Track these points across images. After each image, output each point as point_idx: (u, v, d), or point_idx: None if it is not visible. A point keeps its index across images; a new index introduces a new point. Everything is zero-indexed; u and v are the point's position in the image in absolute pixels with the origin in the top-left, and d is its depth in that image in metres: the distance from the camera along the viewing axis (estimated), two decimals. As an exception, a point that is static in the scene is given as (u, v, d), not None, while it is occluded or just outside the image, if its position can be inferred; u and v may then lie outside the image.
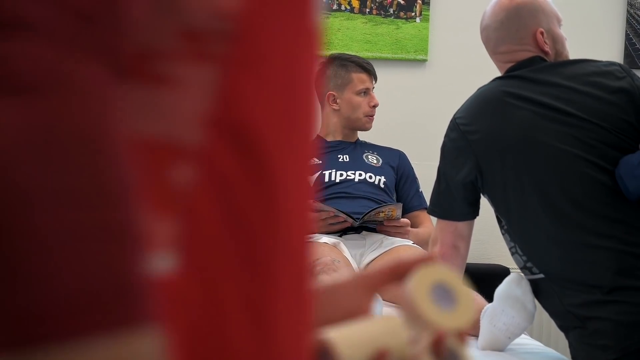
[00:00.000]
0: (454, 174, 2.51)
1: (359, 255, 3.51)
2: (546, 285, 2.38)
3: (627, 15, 4.64)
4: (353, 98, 3.86)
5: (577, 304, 2.31)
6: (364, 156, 3.88)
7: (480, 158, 2.46)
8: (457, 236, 2.57)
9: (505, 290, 2.52)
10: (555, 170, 2.37)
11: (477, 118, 2.50)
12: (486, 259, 4.10)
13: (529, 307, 2.50)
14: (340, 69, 3.87)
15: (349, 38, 4.38)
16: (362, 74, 3.85)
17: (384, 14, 4.42)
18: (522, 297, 2.49)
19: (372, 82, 3.89)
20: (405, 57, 4.44)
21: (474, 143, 2.47)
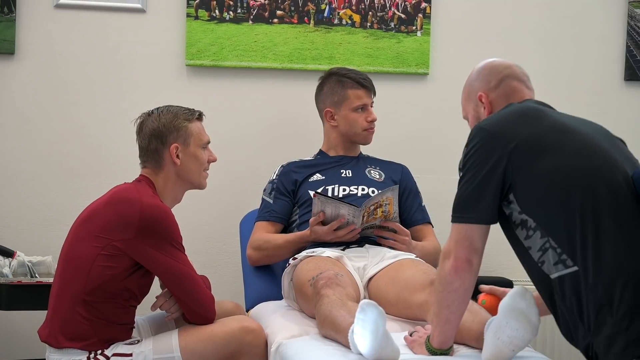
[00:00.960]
0: (485, 172, 2.53)
1: (362, 269, 3.51)
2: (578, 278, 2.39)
3: (628, 27, 4.64)
4: (349, 115, 3.86)
5: None
6: (366, 171, 3.88)
7: (513, 156, 2.53)
8: (472, 250, 2.57)
9: (510, 304, 2.54)
10: (591, 156, 2.53)
11: (512, 126, 2.59)
12: (489, 271, 4.10)
13: (533, 320, 2.52)
14: (337, 86, 3.87)
15: (350, 52, 4.39)
16: (358, 90, 3.85)
17: (385, 28, 4.43)
18: (526, 310, 2.52)
19: (371, 97, 3.88)
20: (407, 70, 4.45)
21: (507, 145, 2.53)
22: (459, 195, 2.61)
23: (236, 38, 4.28)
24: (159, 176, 3.21)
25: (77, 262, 3.04)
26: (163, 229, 3.04)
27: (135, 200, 3.04)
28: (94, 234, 3.03)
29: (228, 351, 3.08)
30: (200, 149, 3.25)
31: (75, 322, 3.01)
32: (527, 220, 2.51)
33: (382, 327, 2.58)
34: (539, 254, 2.49)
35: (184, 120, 3.22)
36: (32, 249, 3.87)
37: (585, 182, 2.47)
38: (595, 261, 2.38)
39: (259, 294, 3.77)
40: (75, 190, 4.12)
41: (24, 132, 4.13)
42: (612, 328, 2.33)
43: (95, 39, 4.19)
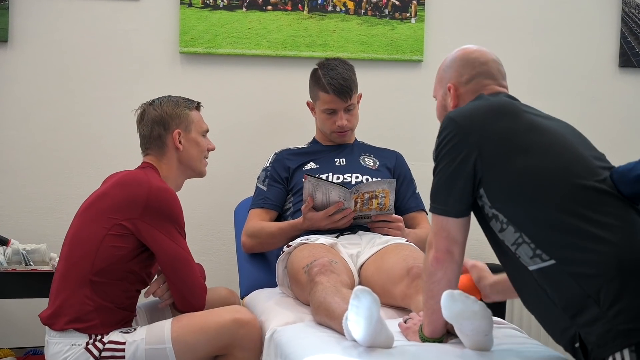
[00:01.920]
0: (455, 165, 2.53)
1: (355, 256, 3.51)
2: (557, 271, 2.39)
3: (622, 13, 4.64)
4: (321, 115, 3.86)
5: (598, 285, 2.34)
6: (360, 159, 3.87)
7: (483, 151, 2.52)
8: (451, 241, 2.58)
9: (448, 313, 2.56)
10: (561, 153, 2.51)
11: (484, 120, 2.58)
12: (484, 258, 4.10)
13: (476, 309, 2.54)
14: (315, 83, 3.86)
15: (344, 39, 4.39)
16: (326, 95, 3.79)
17: (379, 15, 4.43)
18: (464, 307, 2.53)
19: (343, 101, 3.79)
20: (401, 57, 4.45)
21: (477, 139, 2.53)
22: (433, 186, 2.62)
23: (230, 25, 4.27)
24: (162, 162, 3.28)
25: (84, 244, 3.08)
26: (168, 210, 3.10)
27: (144, 182, 3.12)
28: (102, 215, 3.09)
29: (220, 343, 3.09)
30: (200, 136, 3.34)
31: (79, 304, 3.04)
32: (498, 215, 2.50)
33: (376, 314, 2.58)
34: (513, 247, 2.48)
35: (185, 108, 3.31)
36: (27, 237, 3.87)
37: (556, 180, 2.46)
38: (574, 254, 2.37)
39: (253, 281, 3.77)
40: (69, 179, 4.11)
41: (17, 120, 4.12)
42: (599, 318, 2.33)
43: (89, 27, 4.18)
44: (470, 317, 2.54)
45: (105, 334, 3.03)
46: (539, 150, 2.51)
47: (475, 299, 2.54)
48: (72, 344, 3.02)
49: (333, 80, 3.77)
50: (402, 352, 2.63)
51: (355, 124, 3.89)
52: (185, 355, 3.05)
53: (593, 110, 4.60)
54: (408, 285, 3.17)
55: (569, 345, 2.43)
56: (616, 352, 2.30)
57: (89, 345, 3.01)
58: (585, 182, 2.44)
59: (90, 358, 3.00)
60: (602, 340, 2.32)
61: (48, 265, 3.62)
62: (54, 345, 3.05)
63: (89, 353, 3.00)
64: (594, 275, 2.34)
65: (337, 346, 2.74)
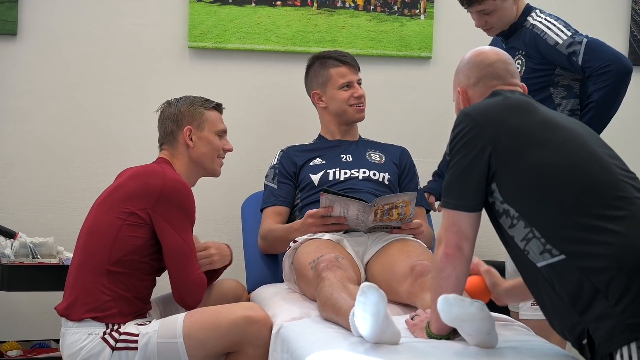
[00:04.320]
0: (469, 159, 2.54)
1: (361, 252, 3.51)
2: (566, 266, 2.40)
3: (632, 12, 4.63)
4: (335, 93, 3.85)
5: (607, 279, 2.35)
6: (366, 155, 3.87)
7: (498, 146, 2.53)
8: (462, 237, 2.58)
9: (446, 317, 2.56)
10: (576, 151, 2.53)
11: (499, 115, 2.60)
12: (491, 256, 4.10)
13: (473, 311, 2.54)
14: (320, 68, 3.87)
15: (353, 35, 4.38)
16: (340, 68, 3.84)
17: (388, 11, 4.42)
18: (460, 310, 2.53)
19: (355, 73, 3.86)
20: (410, 54, 4.44)
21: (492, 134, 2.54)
22: (446, 181, 2.62)
23: (239, 20, 4.27)
24: (175, 158, 3.34)
25: (101, 234, 3.12)
26: (180, 201, 3.14)
27: (160, 172, 3.17)
28: (118, 205, 3.13)
29: (231, 340, 3.09)
30: (214, 135, 3.38)
31: (97, 293, 3.06)
32: (509, 210, 2.51)
33: (383, 310, 2.58)
34: (523, 243, 2.49)
35: (200, 107, 3.38)
36: (34, 230, 3.87)
37: (569, 176, 2.47)
38: (584, 249, 2.38)
39: (260, 276, 3.77)
40: (76, 172, 4.12)
41: (25, 113, 4.12)
42: (607, 313, 2.33)
43: (99, 21, 4.18)
44: (468, 319, 2.54)
45: (122, 323, 3.05)
46: (553, 146, 2.52)
47: (472, 301, 2.54)
48: (89, 333, 3.04)
49: (340, 55, 3.87)
50: (409, 348, 2.63)
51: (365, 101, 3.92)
52: (196, 351, 3.05)
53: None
54: (412, 283, 3.17)
55: (577, 341, 2.43)
56: (623, 346, 2.30)
57: (105, 335, 3.03)
58: (598, 178, 2.46)
59: (106, 347, 3.01)
60: (610, 334, 2.32)
61: (55, 258, 3.63)
62: (70, 335, 3.07)
63: (105, 342, 3.02)
64: (603, 270, 2.35)
65: (344, 342, 2.74)
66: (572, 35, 3.48)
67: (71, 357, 3.07)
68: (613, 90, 3.43)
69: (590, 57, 3.41)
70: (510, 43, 3.56)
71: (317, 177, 3.77)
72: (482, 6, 3.56)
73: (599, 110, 3.44)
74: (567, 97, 3.57)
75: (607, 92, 3.42)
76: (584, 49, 3.42)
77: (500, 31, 3.65)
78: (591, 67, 3.41)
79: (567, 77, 3.57)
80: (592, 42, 3.45)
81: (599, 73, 3.40)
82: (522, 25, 3.59)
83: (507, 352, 2.62)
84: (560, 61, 3.49)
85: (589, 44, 3.43)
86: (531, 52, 3.42)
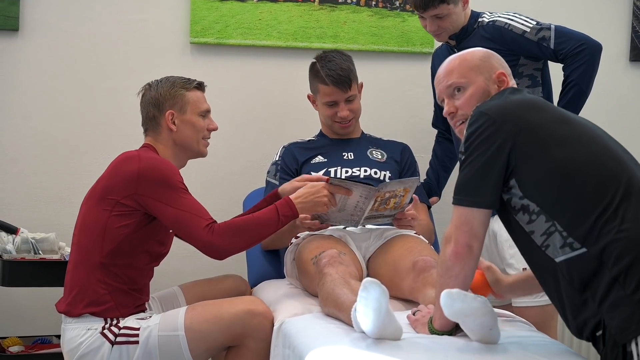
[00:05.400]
0: (488, 155, 2.54)
1: (364, 248, 3.51)
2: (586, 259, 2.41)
3: (633, 7, 4.63)
4: (322, 107, 3.84)
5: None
6: (368, 152, 3.86)
7: (518, 141, 2.54)
8: (472, 236, 2.58)
9: (449, 312, 2.57)
10: (591, 142, 2.57)
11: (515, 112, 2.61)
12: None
13: (476, 305, 2.54)
14: (314, 76, 3.84)
15: (355, 31, 4.38)
16: (326, 87, 3.76)
17: (390, 7, 4.42)
18: (463, 305, 2.54)
19: (344, 92, 3.76)
20: (411, 49, 4.44)
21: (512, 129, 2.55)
22: (461, 178, 2.61)
23: (241, 16, 4.27)
24: (159, 142, 3.29)
25: (91, 229, 3.11)
26: (158, 177, 3.09)
27: (134, 157, 3.13)
28: (102, 198, 3.11)
29: (233, 333, 3.09)
30: (197, 117, 3.31)
31: (93, 288, 3.07)
32: (529, 205, 2.51)
33: (385, 306, 2.58)
34: (542, 238, 2.49)
35: (181, 89, 3.30)
36: (36, 226, 3.88)
37: (587, 169, 2.50)
38: (604, 240, 2.40)
39: (261, 272, 3.78)
40: (79, 168, 4.12)
41: (28, 109, 4.12)
42: (623, 302, 2.35)
43: (100, 16, 4.18)
44: (471, 314, 2.55)
45: (121, 317, 3.05)
46: (570, 141, 2.54)
47: (475, 296, 2.55)
48: (87, 328, 3.05)
49: (331, 71, 3.75)
50: (411, 344, 2.64)
51: (358, 114, 3.87)
52: (197, 344, 3.06)
53: (604, 105, 4.58)
54: (414, 279, 3.17)
55: (591, 334, 2.45)
56: (638, 335, 2.32)
57: (104, 330, 3.03)
58: (614, 171, 2.50)
59: (105, 342, 3.02)
60: (626, 323, 2.34)
61: (57, 254, 3.63)
62: (70, 331, 3.07)
63: (105, 337, 3.02)
64: (620, 259, 2.37)
65: (346, 338, 2.74)
66: (538, 23, 3.64)
67: (71, 352, 3.08)
68: (589, 67, 3.60)
69: (563, 40, 3.58)
70: (464, 44, 3.60)
71: (318, 175, 3.77)
72: (437, 10, 3.65)
73: (579, 88, 3.61)
74: (532, 86, 3.69)
75: (584, 69, 3.59)
76: (555, 34, 3.59)
77: (450, 35, 3.74)
78: (565, 48, 3.58)
79: (530, 67, 3.69)
80: (560, 27, 3.63)
81: (574, 53, 3.57)
82: (473, 27, 3.72)
83: (509, 348, 2.62)
84: (529, 48, 3.62)
85: (558, 28, 3.62)
86: (494, 46, 3.44)
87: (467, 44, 3.53)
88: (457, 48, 3.65)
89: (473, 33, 3.70)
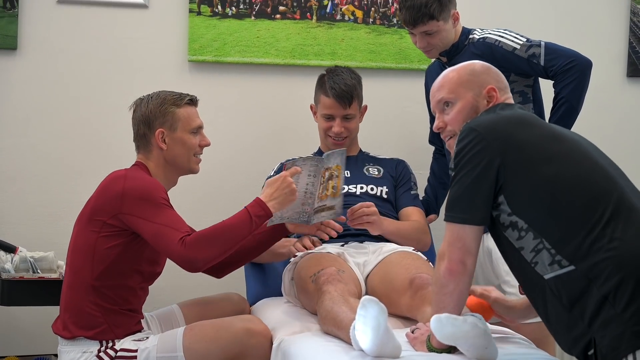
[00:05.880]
0: (477, 172, 2.53)
1: (362, 265, 3.51)
2: (575, 276, 2.40)
3: (630, 23, 4.64)
4: (319, 118, 3.86)
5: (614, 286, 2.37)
6: (364, 169, 3.87)
7: (506, 157, 2.54)
8: (465, 252, 2.57)
9: (440, 336, 2.56)
10: (581, 159, 2.56)
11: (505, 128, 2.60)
12: (491, 268, 4.09)
13: (466, 328, 2.53)
14: (318, 87, 3.87)
15: (352, 48, 4.39)
16: (327, 99, 3.79)
17: (387, 24, 4.43)
18: (454, 329, 2.53)
19: (342, 108, 3.78)
20: (409, 66, 4.45)
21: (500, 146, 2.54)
22: (452, 195, 2.61)
23: (238, 34, 4.28)
24: (150, 160, 3.25)
25: (81, 251, 3.09)
26: (141, 194, 3.04)
27: (121, 177, 3.10)
28: (90, 219, 3.08)
29: (232, 353, 3.08)
30: (188, 134, 3.25)
31: (86, 310, 3.05)
32: (518, 222, 2.51)
33: (384, 324, 2.58)
34: (531, 254, 2.49)
35: (171, 106, 3.24)
36: (34, 245, 3.87)
37: (577, 187, 2.49)
38: (593, 258, 2.39)
39: (260, 290, 3.77)
40: (77, 187, 4.11)
41: (26, 128, 4.13)
42: (614, 320, 2.34)
43: (98, 35, 4.19)
44: (462, 336, 2.54)
45: (115, 339, 3.04)
46: (560, 158, 2.54)
47: (465, 318, 2.53)
48: (83, 351, 3.03)
49: (335, 84, 3.77)
50: (410, 362, 2.63)
51: (353, 135, 3.87)
52: None
53: (601, 120, 4.59)
54: (412, 296, 3.17)
55: (582, 353, 2.43)
56: (629, 354, 2.31)
57: (100, 353, 3.01)
58: (605, 188, 2.48)
59: None
60: (616, 342, 2.33)
61: (55, 273, 3.63)
62: (66, 354, 3.06)
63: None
64: (610, 277, 2.36)
65: (345, 356, 2.73)
66: (528, 40, 3.63)
67: None
68: (580, 84, 3.58)
69: (553, 57, 3.58)
70: (455, 61, 3.59)
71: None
72: (426, 27, 3.66)
73: (570, 105, 3.58)
74: (523, 103, 3.68)
75: (575, 86, 3.57)
76: (544, 50, 3.59)
77: (441, 52, 3.75)
78: (555, 65, 3.57)
79: (521, 83, 3.69)
80: (550, 43, 3.62)
81: (564, 70, 3.56)
82: (464, 44, 3.73)
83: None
84: (520, 65, 3.61)
85: (548, 45, 3.61)
86: (485, 62, 3.45)
87: (458, 61, 3.52)
88: (449, 64, 3.65)
89: (464, 50, 3.71)
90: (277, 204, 3.12)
